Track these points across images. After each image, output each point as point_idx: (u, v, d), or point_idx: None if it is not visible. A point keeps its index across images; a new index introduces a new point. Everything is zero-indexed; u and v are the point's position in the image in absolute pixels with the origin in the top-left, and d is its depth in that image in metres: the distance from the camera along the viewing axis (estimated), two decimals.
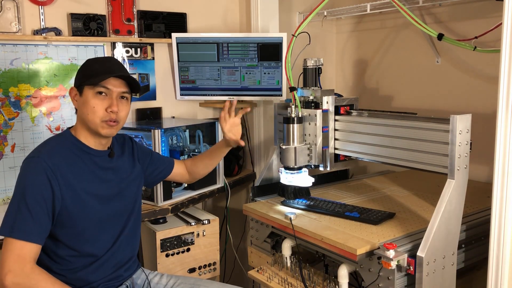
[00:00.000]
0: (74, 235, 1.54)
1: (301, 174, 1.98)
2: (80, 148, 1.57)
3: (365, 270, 1.59)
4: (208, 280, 1.83)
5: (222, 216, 2.63)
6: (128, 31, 2.50)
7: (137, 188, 1.75)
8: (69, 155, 1.54)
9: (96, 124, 1.54)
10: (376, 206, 1.96)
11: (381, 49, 2.84)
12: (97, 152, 1.60)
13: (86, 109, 1.54)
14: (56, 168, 1.47)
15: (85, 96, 1.54)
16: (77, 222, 1.53)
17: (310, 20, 1.95)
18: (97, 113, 1.53)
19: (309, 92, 2.04)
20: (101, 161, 1.62)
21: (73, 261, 1.55)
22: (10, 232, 1.40)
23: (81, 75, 1.57)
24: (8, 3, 2.17)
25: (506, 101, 1.37)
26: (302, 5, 2.89)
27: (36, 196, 1.43)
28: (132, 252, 1.73)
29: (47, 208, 1.45)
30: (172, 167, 1.94)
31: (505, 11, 1.34)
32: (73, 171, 1.53)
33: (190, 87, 2.68)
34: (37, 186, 1.44)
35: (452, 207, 1.55)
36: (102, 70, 1.54)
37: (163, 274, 1.83)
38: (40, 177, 1.45)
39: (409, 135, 1.75)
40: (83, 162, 1.56)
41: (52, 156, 1.49)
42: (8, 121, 2.23)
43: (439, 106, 2.54)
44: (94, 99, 1.53)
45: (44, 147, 1.53)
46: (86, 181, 1.55)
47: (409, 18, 1.88)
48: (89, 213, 1.56)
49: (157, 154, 1.94)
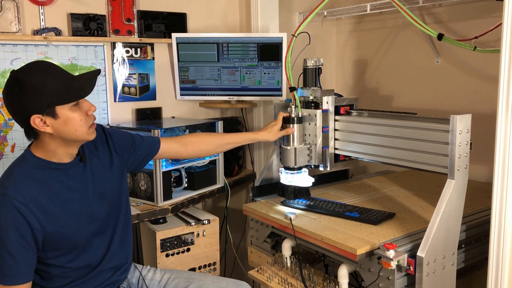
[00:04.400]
0: (65, 254, 1.49)
1: (301, 174, 1.98)
2: (46, 167, 1.44)
3: (365, 270, 1.59)
4: (202, 274, 1.83)
5: (222, 216, 2.63)
6: (128, 31, 2.50)
7: (120, 184, 1.65)
8: (37, 180, 1.41)
9: (84, 134, 1.44)
10: (376, 206, 1.96)
11: (381, 49, 2.84)
12: (66, 165, 1.48)
13: (72, 127, 1.40)
14: (28, 200, 1.37)
15: (63, 115, 1.38)
16: (65, 243, 1.47)
17: (310, 20, 1.95)
18: (84, 123, 1.42)
19: (309, 92, 2.04)
20: (74, 171, 1.50)
21: (68, 275, 1.51)
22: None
23: (43, 97, 1.35)
24: (8, 3, 2.17)
25: (506, 101, 1.37)
26: (302, 5, 2.89)
27: (15, 237, 1.35)
28: (127, 254, 1.69)
29: (30, 245, 1.38)
30: (158, 146, 1.78)
31: (505, 11, 1.34)
32: (47, 195, 1.42)
33: (190, 87, 2.68)
34: (13, 226, 1.34)
35: (452, 207, 1.55)
36: (62, 82, 1.38)
37: (156, 269, 1.82)
38: (12, 216, 1.34)
39: (409, 135, 1.74)
40: (55, 181, 1.45)
41: (20, 189, 1.37)
42: (8, 121, 2.23)
43: (439, 106, 2.54)
44: (74, 112, 1.40)
45: (7, 181, 1.39)
46: (64, 200, 1.46)
47: (409, 18, 1.88)
48: (76, 231, 1.49)
49: (139, 137, 1.76)
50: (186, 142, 1.87)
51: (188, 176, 2.38)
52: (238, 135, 2.07)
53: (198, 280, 1.75)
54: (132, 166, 1.75)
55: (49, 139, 1.42)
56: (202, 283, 1.74)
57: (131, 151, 1.71)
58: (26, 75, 1.36)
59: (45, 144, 1.44)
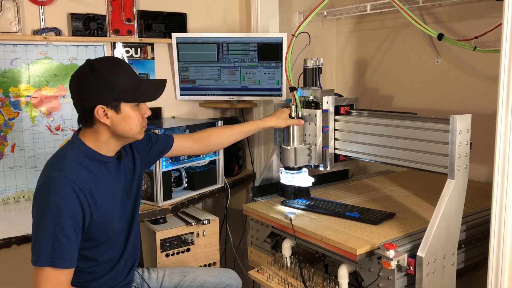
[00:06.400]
0: (98, 246, 1.52)
1: (301, 174, 1.98)
2: (95, 158, 1.49)
3: (365, 270, 1.59)
4: (195, 267, 1.93)
5: (222, 216, 2.63)
6: (128, 31, 2.50)
7: (139, 181, 1.71)
8: (89, 168, 1.47)
9: (137, 133, 1.52)
10: (376, 206, 1.96)
11: (381, 49, 2.84)
12: (109, 159, 1.54)
13: (129, 124, 1.48)
14: (84, 185, 1.42)
15: (125, 112, 1.46)
16: (102, 234, 1.51)
17: (310, 20, 1.95)
18: (139, 123, 1.51)
19: (309, 92, 2.04)
20: (113, 166, 1.56)
21: (92, 270, 1.54)
22: (50, 262, 1.34)
23: (113, 91, 1.43)
24: (8, 3, 2.17)
25: (506, 101, 1.37)
26: (302, 5, 2.89)
27: (71, 221, 1.38)
28: (137, 253, 1.73)
29: (79, 230, 1.41)
30: (171, 143, 1.85)
31: (505, 11, 1.34)
32: (96, 185, 1.47)
33: (190, 87, 2.68)
34: (70, 210, 1.38)
35: (452, 207, 1.55)
36: (133, 82, 1.47)
37: (149, 269, 1.87)
38: (71, 200, 1.38)
39: (409, 135, 1.74)
40: (100, 172, 1.51)
41: (77, 173, 1.42)
42: (8, 121, 2.23)
43: (439, 106, 2.54)
44: (134, 112, 1.48)
45: (64, 164, 1.42)
46: (106, 192, 1.51)
47: (409, 18, 1.88)
48: (113, 223, 1.54)
49: (154, 135, 1.83)
50: (197, 137, 1.92)
51: (188, 176, 2.38)
52: (246, 124, 2.03)
53: (192, 272, 1.87)
54: (148, 163, 1.81)
55: (104, 130, 1.48)
56: (196, 274, 1.86)
57: (149, 149, 1.77)
58: (103, 66, 1.43)
59: (98, 135, 1.49)
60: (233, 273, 1.95)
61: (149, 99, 1.52)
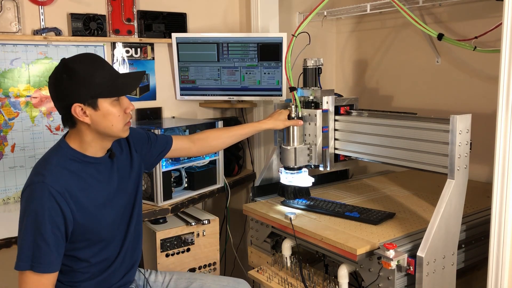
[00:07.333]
0: (91, 246, 1.51)
1: (301, 174, 1.98)
2: (81, 160, 1.47)
3: (365, 270, 1.59)
4: (202, 273, 1.85)
5: (222, 216, 2.63)
6: (128, 31, 2.50)
7: (138, 181, 1.68)
8: (74, 171, 1.45)
9: (119, 130, 1.48)
10: (376, 206, 1.96)
11: (381, 49, 2.84)
12: (98, 160, 1.51)
13: (110, 121, 1.44)
14: (64, 190, 1.40)
15: (104, 108, 1.42)
16: (92, 235, 1.50)
17: (310, 20, 1.95)
18: (121, 120, 1.46)
19: (309, 92, 2.04)
20: (104, 167, 1.54)
21: (87, 271, 1.53)
22: (31, 266, 1.35)
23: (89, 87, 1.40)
24: (8, 3, 2.17)
25: (506, 101, 1.37)
26: (302, 5, 2.89)
27: (50, 225, 1.37)
28: (138, 255, 1.71)
29: (61, 234, 1.40)
30: (170, 143, 1.83)
31: (505, 11, 1.34)
32: (80, 187, 1.45)
33: (190, 87, 2.68)
34: (49, 215, 1.36)
35: (452, 207, 1.55)
36: (109, 77, 1.43)
37: (157, 271, 1.85)
38: (49, 204, 1.37)
39: (409, 135, 1.74)
40: (87, 174, 1.48)
41: (58, 178, 1.40)
42: (8, 121, 2.23)
43: (439, 106, 2.54)
44: (114, 107, 1.44)
45: (45, 169, 1.41)
46: (93, 194, 1.49)
47: (409, 18, 1.88)
48: (102, 224, 1.52)
49: (154, 135, 1.80)
50: (194, 139, 1.91)
51: (188, 176, 2.38)
52: (244, 126, 2.02)
53: (200, 280, 1.80)
54: (148, 164, 1.78)
55: (86, 129, 1.45)
56: (203, 282, 1.79)
57: (148, 149, 1.74)
58: (76, 64, 1.40)
59: (82, 135, 1.46)
60: (244, 284, 1.84)
61: (126, 93, 1.48)
